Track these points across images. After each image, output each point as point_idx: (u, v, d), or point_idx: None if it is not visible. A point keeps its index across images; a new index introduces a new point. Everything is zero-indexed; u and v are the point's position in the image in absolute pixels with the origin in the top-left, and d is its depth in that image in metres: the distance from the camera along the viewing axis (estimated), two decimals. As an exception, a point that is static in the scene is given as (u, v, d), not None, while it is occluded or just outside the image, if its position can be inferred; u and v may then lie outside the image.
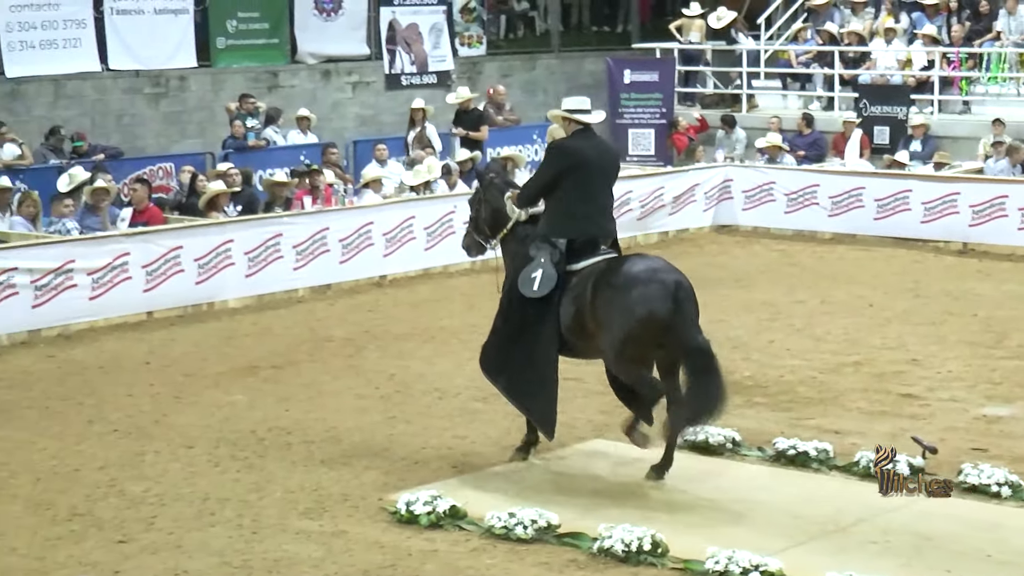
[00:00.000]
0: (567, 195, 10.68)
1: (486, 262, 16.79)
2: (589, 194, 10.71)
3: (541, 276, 10.57)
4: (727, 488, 10.28)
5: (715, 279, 18.38)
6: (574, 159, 10.69)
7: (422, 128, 22.58)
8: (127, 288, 16.10)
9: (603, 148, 11.10)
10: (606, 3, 31.96)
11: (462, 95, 23.79)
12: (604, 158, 10.91)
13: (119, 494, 10.40)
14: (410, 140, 22.53)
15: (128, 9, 22.67)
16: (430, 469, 10.86)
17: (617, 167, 11.17)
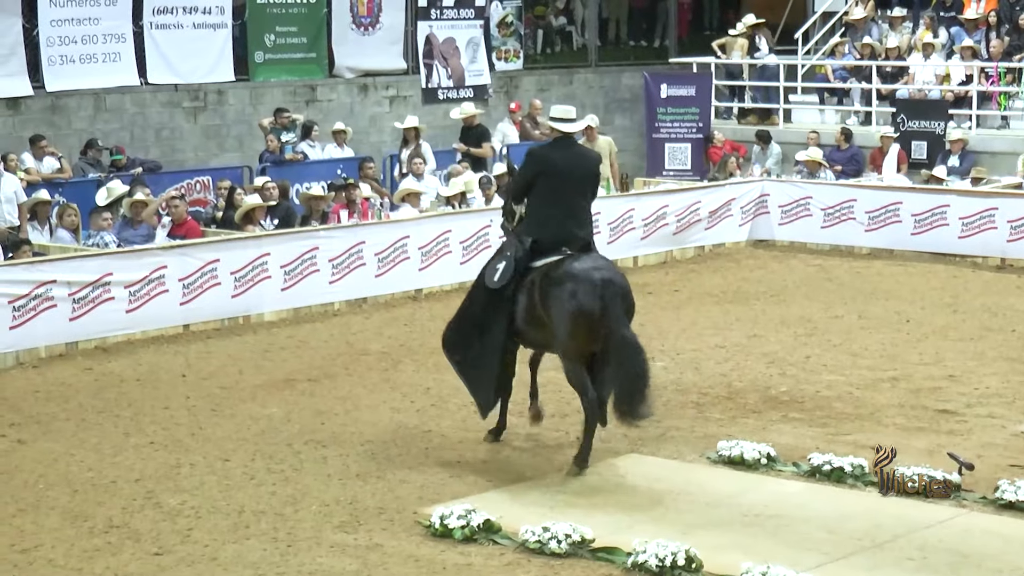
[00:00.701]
0: (537, 199, 11.42)
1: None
2: (557, 199, 11.34)
3: (502, 269, 11.36)
4: (762, 503, 10.25)
5: (751, 294, 18.37)
6: (543, 166, 11.41)
7: (416, 146, 22.49)
8: (164, 301, 16.16)
9: (577, 156, 11.62)
10: (644, 18, 31.97)
11: (466, 111, 23.76)
12: (576, 165, 11.46)
13: (155, 506, 10.44)
14: (404, 158, 22.37)
15: (167, 24, 22.79)
16: (465, 483, 10.86)
17: (592, 174, 11.65)
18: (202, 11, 23.16)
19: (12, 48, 21.22)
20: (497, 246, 12.60)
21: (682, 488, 10.57)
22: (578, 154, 11.67)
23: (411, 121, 22.87)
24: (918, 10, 27.39)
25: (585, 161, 11.67)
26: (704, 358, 14.86)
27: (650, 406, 10.89)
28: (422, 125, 22.95)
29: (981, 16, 25.92)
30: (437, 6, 26.05)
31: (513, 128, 25.23)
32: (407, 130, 22.70)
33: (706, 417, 12.66)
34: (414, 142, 22.53)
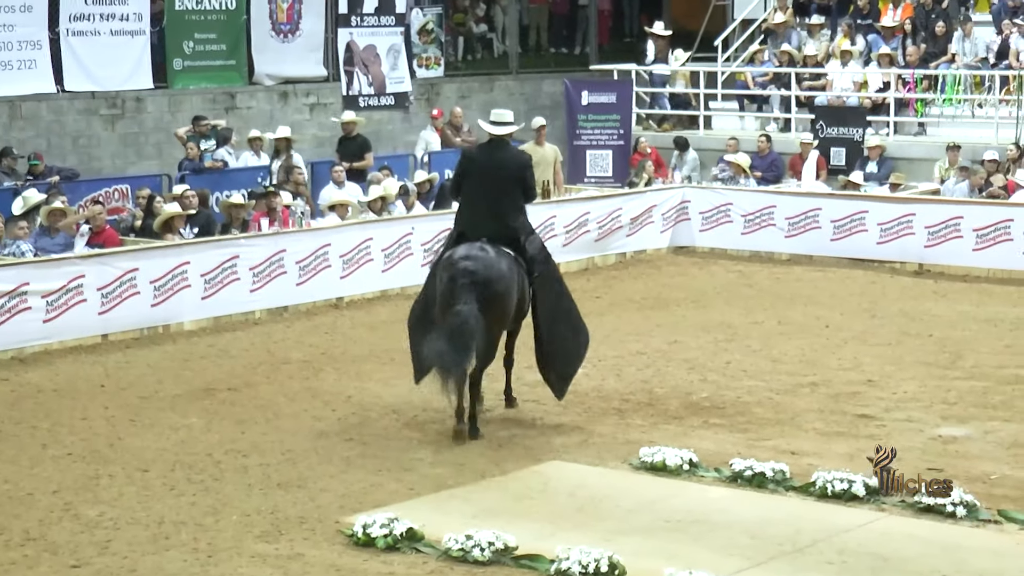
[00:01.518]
0: (465, 195, 12.67)
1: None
2: (474, 196, 12.55)
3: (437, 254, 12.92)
4: (684, 509, 10.28)
5: (673, 300, 18.45)
6: (466, 166, 12.76)
7: (288, 156, 21.83)
8: (82, 310, 16.00)
9: (500, 156, 12.69)
10: (564, 25, 32.04)
11: (346, 117, 23.25)
12: (500, 165, 12.58)
13: (73, 518, 10.32)
14: (275, 170, 21.75)
15: (84, 31, 22.55)
16: (387, 491, 10.82)
17: (512, 174, 12.61)
18: (119, 18, 22.95)
19: (-75, 55, 20.98)
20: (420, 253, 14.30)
21: (605, 494, 10.58)
22: (504, 154, 12.66)
23: (283, 131, 22.31)
24: (836, 17, 27.60)
25: (509, 161, 12.63)
26: (625, 364, 14.90)
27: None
28: (294, 135, 22.48)
29: (898, 24, 26.17)
30: (357, 13, 25.99)
31: (435, 135, 25.18)
32: (278, 140, 22.09)
33: (628, 423, 12.69)
34: (285, 152, 21.91)
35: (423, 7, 28.11)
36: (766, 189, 22.58)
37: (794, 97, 26.09)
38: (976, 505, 10.12)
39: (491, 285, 12.08)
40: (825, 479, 10.52)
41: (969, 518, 10.02)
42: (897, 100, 25.00)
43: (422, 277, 17.10)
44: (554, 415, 12.95)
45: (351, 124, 23.11)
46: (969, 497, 10.14)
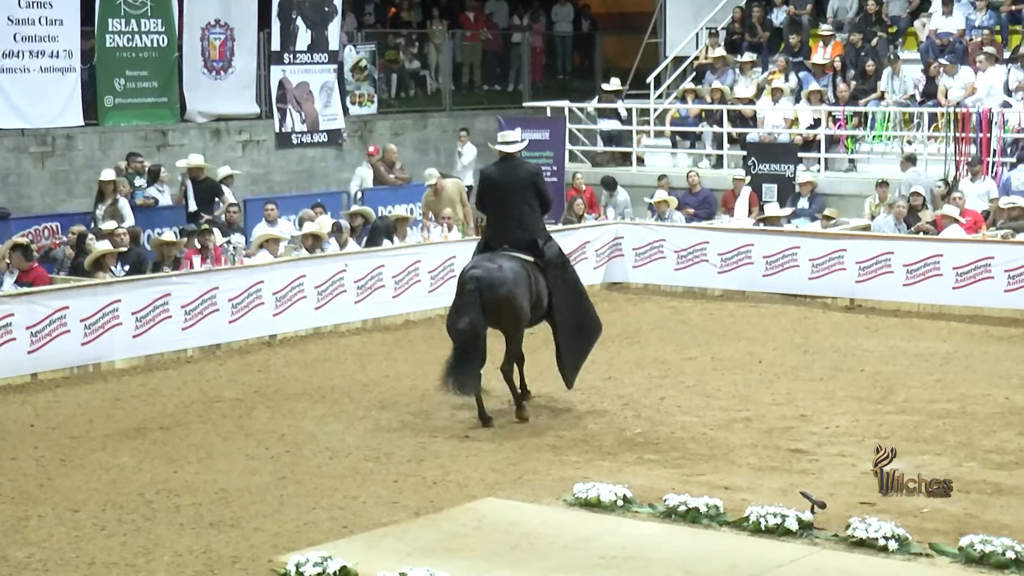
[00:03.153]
0: (488, 208, 14.44)
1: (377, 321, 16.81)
2: (496, 208, 14.32)
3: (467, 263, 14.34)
4: (619, 545, 10.26)
5: (607, 337, 18.36)
6: (487, 183, 14.48)
7: (113, 201, 20.79)
8: (11, 349, 15.85)
9: (513, 170, 14.42)
10: (497, 62, 32.15)
11: (192, 161, 22.15)
12: (512, 178, 14.29)
13: (2, 560, 10.20)
14: (100, 214, 20.67)
15: (13, 67, 22.41)
16: (321, 530, 10.76)
17: (526, 183, 14.30)
18: (50, 55, 22.82)
19: None
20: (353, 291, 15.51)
21: (539, 531, 10.55)
22: (515, 167, 14.43)
23: (107, 174, 21.10)
24: (767, 55, 27.83)
25: (519, 172, 14.39)
26: (559, 401, 14.89)
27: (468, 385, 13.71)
28: (120, 179, 21.23)
29: (828, 62, 26.42)
30: (290, 51, 25.98)
31: (370, 172, 25.17)
32: (103, 183, 20.96)
33: (562, 460, 12.68)
34: (111, 196, 20.79)
35: (356, 44, 28.15)
36: (699, 225, 22.67)
37: (726, 134, 26.26)
38: (908, 539, 10.16)
39: (495, 289, 13.77)
40: (759, 514, 10.54)
41: (901, 552, 10.05)
42: (828, 137, 25.21)
43: (355, 315, 17.70)
44: (488, 452, 12.93)
45: (197, 169, 22.03)
46: (901, 531, 10.18)
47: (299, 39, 26.17)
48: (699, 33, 29.02)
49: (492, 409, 14.18)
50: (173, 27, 24.43)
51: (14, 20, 22.35)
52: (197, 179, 21.91)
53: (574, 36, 34.21)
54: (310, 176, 26.17)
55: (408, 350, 16.94)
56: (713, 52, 27.87)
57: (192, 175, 21.95)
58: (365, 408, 14.69)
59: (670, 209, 23.16)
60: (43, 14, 22.65)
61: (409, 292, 19.60)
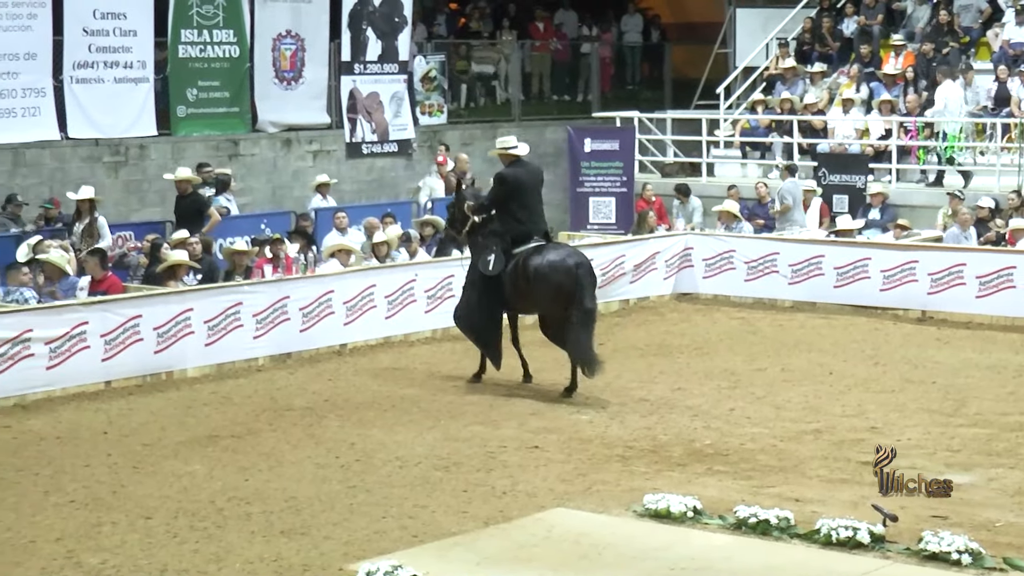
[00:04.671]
0: (511, 206, 15.83)
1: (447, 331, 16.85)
2: (524, 204, 15.85)
3: (493, 260, 15.69)
4: (688, 556, 10.25)
5: (676, 347, 18.43)
6: (515, 183, 15.90)
7: (91, 220, 20.08)
8: (85, 357, 16.00)
9: (531, 170, 16.29)
10: (567, 72, 32.15)
11: (180, 174, 21.35)
12: (533, 177, 16.13)
13: (76, 566, 10.29)
14: (78, 232, 20.01)
15: (88, 78, 22.65)
16: (390, 538, 10.80)
17: (542, 180, 16.37)
18: (123, 65, 23.05)
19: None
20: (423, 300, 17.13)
21: (608, 542, 10.55)
22: (531, 170, 16.25)
23: (86, 192, 20.38)
24: (837, 65, 27.72)
25: (536, 174, 16.30)
26: (629, 411, 14.88)
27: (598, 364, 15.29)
28: (98, 197, 20.57)
29: (899, 72, 26.27)
30: (360, 61, 26.10)
31: (439, 182, 25.25)
32: (80, 202, 20.23)
33: (631, 470, 12.66)
34: (88, 215, 20.12)
35: (426, 55, 28.24)
36: (769, 236, 22.57)
37: (796, 144, 26.16)
38: (981, 553, 10.08)
39: (594, 275, 15.87)
40: (829, 526, 10.49)
41: (974, 566, 9.98)
42: (899, 147, 25.06)
43: (425, 324, 17.65)
44: (557, 463, 12.93)
45: (184, 183, 21.17)
46: (974, 545, 10.11)
47: (369, 49, 26.28)
48: (769, 43, 28.94)
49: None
50: (245, 37, 24.61)
51: (89, 31, 22.59)
52: (184, 194, 21.10)
53: (643, 46, 34.18)
54: (380, 186, 26.26)
55: (477, 360, 16.94)
56: (783, 62, 27.79)
57: (179, 189, 21.15)
58: (434, 417, 14.72)
59: (737, 221, 23.08)
60: (117, 25, 22.87)
61: (478, 302, 19.60)
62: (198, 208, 20.89)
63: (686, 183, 25.71)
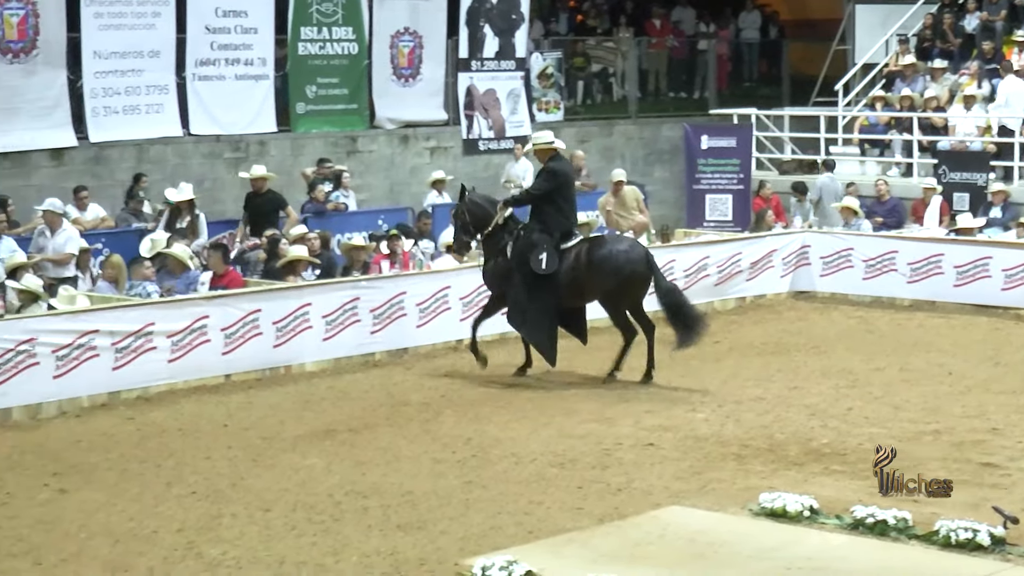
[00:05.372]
0: (558, 200, 15.99)
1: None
2: (567, 198, 16.17)
3: (546, 259, 15.73)
4: (805, 556, 10.18)
5: (792, 345, 18.31)
6: (563, 176, 16.18)
7: (192, 217, 20.04)
8: (206, 351, 16.21)
9: (570, 166, 17.30)
10: (683, 69, 32.05)
11: (255, 172, 21.14)
12: (572, 172, 17.08)
13: (196, 557, 10.44)
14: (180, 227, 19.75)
15: (210, 75, 22.98)
16: (506, 534, 10.84)
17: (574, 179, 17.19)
18: (244, 63, 23.35)
19: (57, 100, 21.43)
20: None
21: (724, 540, 10.51)
22: (570, 165, 17.06)
23: (186, 193, 20.17)
24: (959, 62, 27.38)
25: (573, 170, 17.41)
26: (745, 410, 14.82)
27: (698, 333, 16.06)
28: (196, 194, 20.45)
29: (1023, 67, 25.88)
30: (478, 58, 26.21)
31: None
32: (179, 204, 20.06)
33: (747, 469, 12.60)
34: (188, 212, 20.02)
35: (543, 52, 28.28)
36: (887, 234, 22.36)
37: (916, 142, 25.88)
38: (1105, 557, 9.93)
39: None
40: (949, 528, 10.38)
41: (1098, 571, 9.84)
42: (1022, 145, 24.69)
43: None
44: (673, 460, 12.91)
45: (260, 180, 20.98)
46: (1098, 549, 9.97)
47: (487, 46, 26.40)
48: (888, 40, 28.66)
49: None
50: (363, 35, 24.82)
51: (211, 29, 22.91)
52: (259, 191, 20.97)
53: (761, 43, 33.99)
54: (496, 182, 26.33)
55: (591, 356, 16.95)
56: (903, 59, 27.51)
57: (254, 187, 21.02)
58: (549, 414, 14.75)
59: (856, 218, 22.89)
60: (239, 23, 23.18)
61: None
62: (275, 207, 20.85)
63: (803, 181, 25.54)
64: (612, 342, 16.57)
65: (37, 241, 18.34)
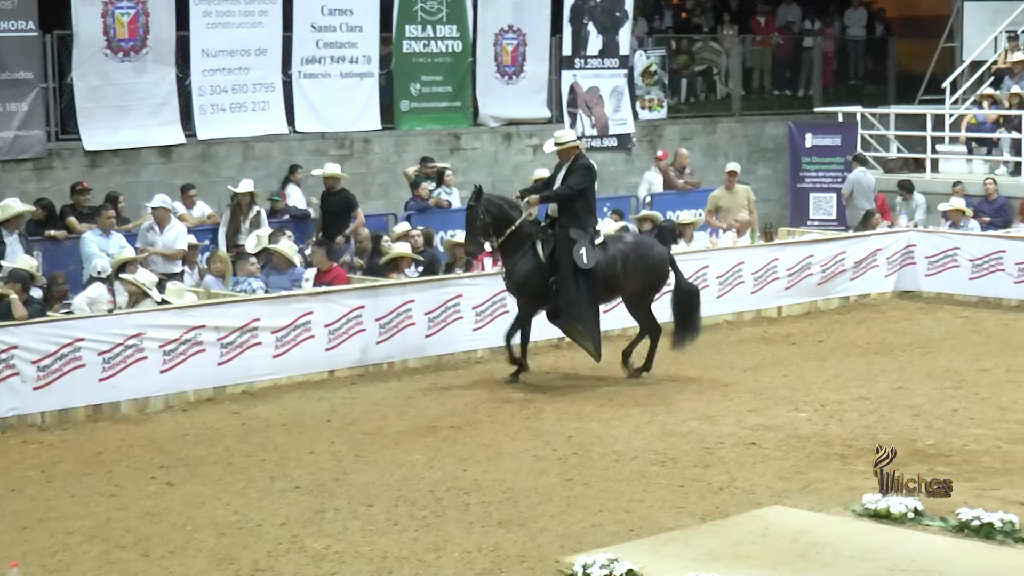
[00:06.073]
0: (588, 197, 16.06)
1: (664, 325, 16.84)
2: (594, 195, 16.43)
3: (587, 254, 15.67)
4: (909, 558, 10.10)
5: (897, 345, 18.16)
6: (595, 174, 16.45)
7: (256, 214, 19.82)
8: (310, 347, 16.36)
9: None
10: (787, 67, 31.83)
11: (329, 171, 20.93)
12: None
13: (300, 550, 10.54)
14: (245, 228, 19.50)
15: (315, 73, 23.14)
16: (607, 532, 10.85)
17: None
18: (349, 60, 23.49)
19: (165, 98, 21.68)
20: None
21: (826, 541, 10.46)
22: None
23: (247, 185, 20.00)
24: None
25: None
26: (848, 410, 14.72)
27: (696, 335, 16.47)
28: (258, 189, 20.33)
29: None
30: (581, 55, 26.19)
31: (658, 176, 25.22)
32: (241, 195, 19.82)
33: (850, 469, 12.52)
34: (249, 208, 19.81)
35: (646, 49, 28.21)
36: (995, 234, 22.10)
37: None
38: None
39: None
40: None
41: None
42: None
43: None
44: (775, 460, 12.85)
45: (334, 179, 20.74)
46: None
47: (590, 44, 26.37)
48: (997, 37, 28.28)
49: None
50: (467, 33, 24.89)
51: (317, 27, 23.07)
52: (332, 190, 20.73)
53: (866, 40, 33.68)
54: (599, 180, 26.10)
55: (694, 354, 16.92)
56: (1012, 56, 27.14)
57: (327, 185, 20.79)
58: (651, 412, 14.74)
59: (965, 218, 22.65)
60: (344, 21, 23.32)
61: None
62: (347, 205, 20.69)
63: (909, 179, 25.29)
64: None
65: (145, 236, 18.57)
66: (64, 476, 12.65)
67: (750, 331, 19.13)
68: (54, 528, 11.13)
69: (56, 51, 20.97)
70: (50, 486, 12.36)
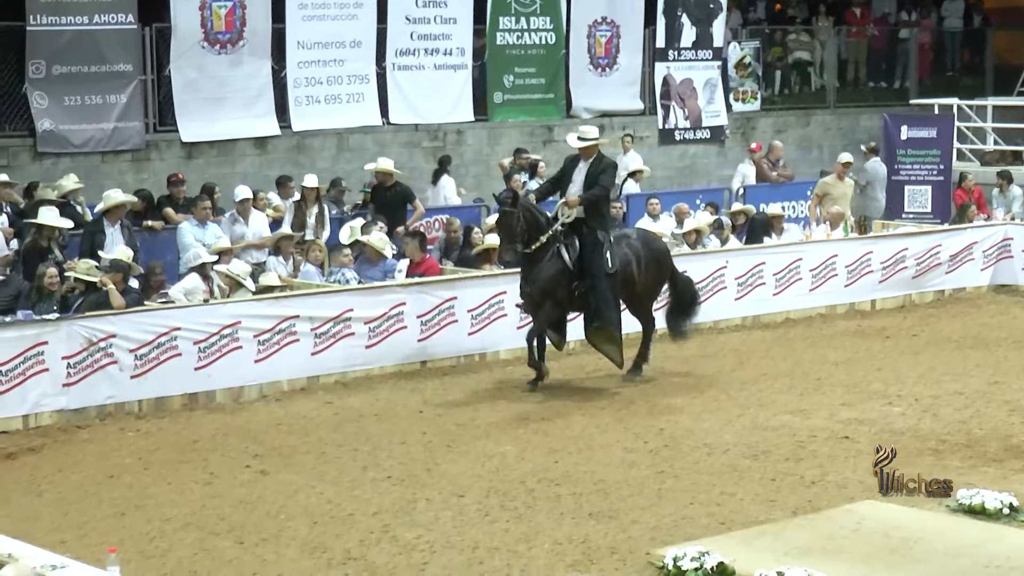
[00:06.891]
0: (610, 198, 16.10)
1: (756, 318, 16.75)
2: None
3: (610, 257, 15.39)
4: (1004, 555, 10.01)
5: (993, 340, 17.98)
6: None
7: (320, 211, 19.29)
8: (402, 337, 16.44)
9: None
10: (883, 59, 31.57)
11: (381, 166, 20.14)
12: None
13: (392, 540, 10.62)
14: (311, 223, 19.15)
15: (409, 65, 23.23)
16: (698, 525, 10.84)
17: None
18: (443, 52, 23.57)
19: (261, 90, 21.86)
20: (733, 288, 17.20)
21: (920, 536, 10.40)
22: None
23: (312, 180, 19.48)
24: None
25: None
26: (943, 404, 14.60)
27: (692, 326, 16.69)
28: (322, 185, 19.87)
29: None
30: (675, 47, 26.12)
31: (752, 169, 25.10)
32: (307, 190, 19.29)
33: (944, 465, 12.42)
34: (315, 203, 19.29)
35: (740, 41, 28.09)
36: (1095, 227, 21.82)
37: None
38: None
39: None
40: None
41: None
42: None
43: (735, 311, 17.63)
44: (868, 454, 12.76)
45: (386, 175, 20.01)
46: None
47: (684, 36, 26.29)
48: (1097, 28, 27.95)
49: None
50: (561, 25, 24.90)
51: (411, 19, 23.17)
52: (384, 184, 20.09)
53: (964, 32, 33.33)
54: (692, 172, 26.27)
55: (787, 348, 16.85)
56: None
57: (379, 179, 20.18)
58: (743, 406, 14.70)
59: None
60: (438, 13, 23.41)
61: (790, 290, 19.46)
62: (403, 199, 20.11)
63: (1009, 170, 25.00)
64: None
65: (231, 229, 18.68)
66: (160, 464, 12.82)
67: (843, 325, 18.99)
68: (151, 515, 11.28)
69: (155, 44, 21.21)
70: (147, 473, 12.52)
